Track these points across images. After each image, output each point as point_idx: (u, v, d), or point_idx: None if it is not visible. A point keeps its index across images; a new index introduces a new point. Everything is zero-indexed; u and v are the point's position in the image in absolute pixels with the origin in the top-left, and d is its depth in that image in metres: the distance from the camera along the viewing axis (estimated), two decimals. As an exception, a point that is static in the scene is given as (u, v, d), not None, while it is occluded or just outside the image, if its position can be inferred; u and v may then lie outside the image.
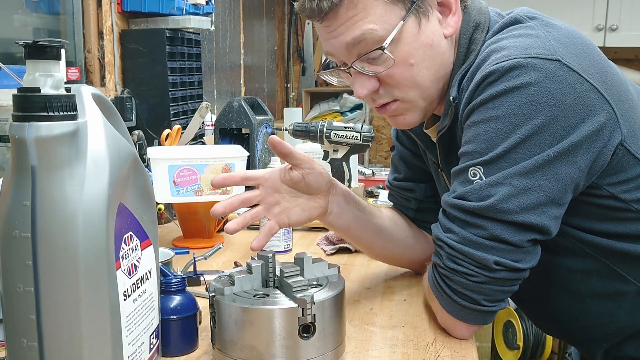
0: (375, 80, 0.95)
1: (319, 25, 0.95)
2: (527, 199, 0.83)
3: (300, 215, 0.99)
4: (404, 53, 0.91)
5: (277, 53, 4.22)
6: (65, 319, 0.62)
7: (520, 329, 2.61)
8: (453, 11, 0.94)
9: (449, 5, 0.94)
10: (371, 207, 1.11)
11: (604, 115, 0.84)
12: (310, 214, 1.00)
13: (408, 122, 1.01)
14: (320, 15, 0.91)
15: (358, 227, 1.07)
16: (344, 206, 1.03)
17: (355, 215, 1.05)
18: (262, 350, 0.77)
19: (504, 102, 0.83)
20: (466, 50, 0.96)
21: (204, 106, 1.78)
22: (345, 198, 1.04)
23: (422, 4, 0.91)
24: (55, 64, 0.65)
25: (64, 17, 1.97)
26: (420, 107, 0.98)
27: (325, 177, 1.00)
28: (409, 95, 0.96)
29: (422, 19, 0.92)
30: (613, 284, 0.95)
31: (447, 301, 0.91)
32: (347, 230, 1.07)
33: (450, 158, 1.02)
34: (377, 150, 4.30)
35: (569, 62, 0.83)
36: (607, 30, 3.25)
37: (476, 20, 0.96)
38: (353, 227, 1.06)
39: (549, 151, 0.82)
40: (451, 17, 0.94)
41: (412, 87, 0.94)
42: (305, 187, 0.99)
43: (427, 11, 0.92)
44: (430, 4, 0.93)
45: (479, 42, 0.95)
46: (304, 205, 1.00)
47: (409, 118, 0.99)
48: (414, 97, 0.96)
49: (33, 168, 0.61)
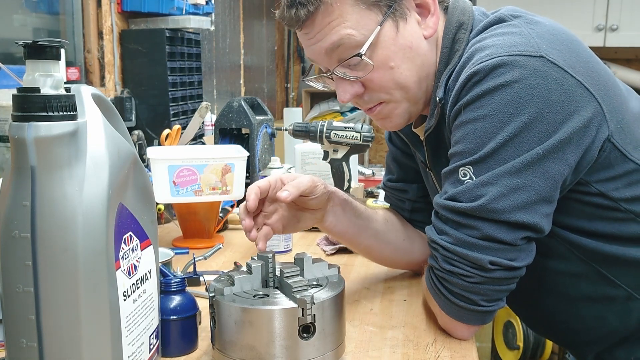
0: (358, 84, 0.96)
1: (299, 33, 0.96)
2: (518, 197, 0.83)
3: (295, 226, 1.02)
4: (382, 57, 0.92)
5: (277, 53, 4.22)
6: (65, 319, 0.62)
7: (521, 329, 2.61)
8: (432, 12, 0.95)
9: (427, 6, 0.95)
10: (369, 211, 1.11)
11: (591, 110, 0.84)
12: (305, 225, 1.03)
13: (395, 124, 1.02)
14: (298, 23, 0.93)
15: (354, 232, 1.08)
16: (341, 214, 1.04)
17: (352, 222, 1.06)
18: (262, 350, 0.77)
19: (489, 101, 0.83)
20: (449, 50, 0.96)
21: (203, 106, 1.78)
22: (342, 207, 1.04)
23: (398, 7, 0.92)
24: (55, 64, 0.65)
25: (64, 17, 1.97)
26: (405, 108, 0.98)
27: (324, 196, 0.99)
28: (394, 97, 0.96)
29: (400, 22, 0.92)
30: (602, 288, 0.95)
31: (445, 303, 0.91)
32: (343, 236, 1.09)
33: (437, 158, 1.02)
34: (377, 151, 4.30)
35: (553, 58, 0.83)
36: (607, 30, 3.25)
37: (459, 19, 0.97)
38: (350, 233, 1.08)
39: (538, 149, 0.82)
40: (430, 18, 0.95)
41: (395, 88, 0.95)
42: (304, 205, 1.00)
43: (404, 14, 0.93)
44: (407, 7, 0.93)
45: (462, 42, 0.95)
46: (299, 216, 1.01)
47: (396, 120, 1.00)
48: (398, 98, 0.96)
49: (33, 168, 0.61)
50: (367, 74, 0.93)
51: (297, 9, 0.91)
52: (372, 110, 0.99)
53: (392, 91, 0.95)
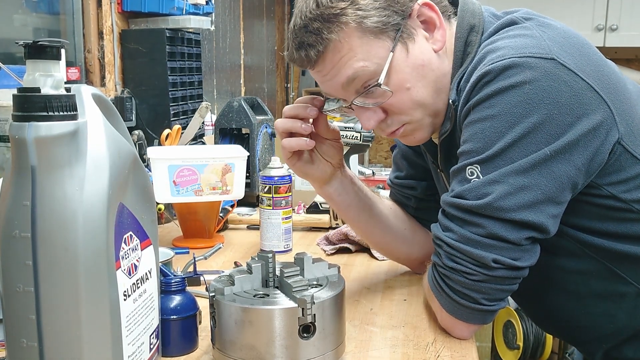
0: (380, 110, 0.97)
1: (312, 72, 0.98)
2: (524, 197, 0.83)
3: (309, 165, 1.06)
4: (398, 81, 0.93)
5: (277, 53, 4.22)
6: (65, 319, 0.62)
7: (520, 328, 2.61)
8: (437, 26, 0.95)
9: (433, 21, 0.95)
10: (375, 195, 1.14)
11: (601, 113, 0.84)
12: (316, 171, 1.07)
13: (419, 139, 1.02)
14: (310, 64, 0.95)
15: (358, 207, 1.10)
16: (348, 185, 1.09)
17: (357, 195, 1.10)
18: (262, 350, 0.77)
19: (500, 101, 0.83)
20: (462, 54, 0.96)
21: (204, 106, 1.78)
22: (351, 180, 1.10)
23: (405, 29, 0.92)
24: (55, 64, 0.65)
25: (64, 17, 1.97)
26: (428, 123, 0.99)
27: (340, 155, 1.07)
28: (415, 117, 0.97)
29: (409, 43, 0.93)
30: (612, 285, 0.95)
31: (446, 300, 0.91)
32: (347, 209, 1.11)
33: (450, 160, 1.02)
34: (377, 150, 4.30)
35: (564, 61, 0.83)
36: (607, 30, 3.25)
37: (470, 22, 0.97)
38: (353, 207, 1.10)
39: (545, 149, 0.82)
40: (437, 32, 0.95)
41: (415, 108, 0.96)
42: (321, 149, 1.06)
43: (411, 34, 0.93)
44: (413, 26, 0.93)
45: (474, 44, 0.95)
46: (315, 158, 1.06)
47: (419, 135, 1.01)
48: (420, 116, 0.97)
49: (33, 168, 0.61)
50: (386, 99, 0.94)
51: (306, 51, 0.93)
52: (396, 133, 1.00)
53: (412, 112, 0.96)
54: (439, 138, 1.02)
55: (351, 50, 0.91)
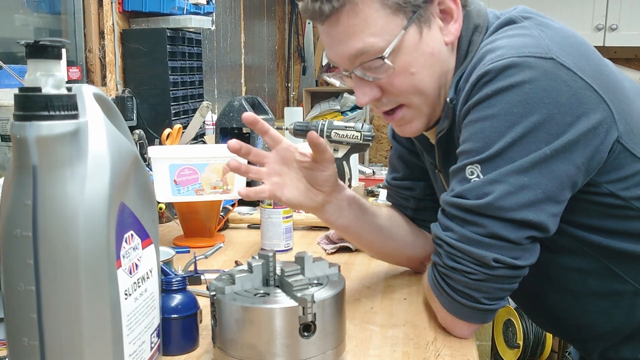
0: (377, 89, 0.96)
1: (321, 28, 0.96)
2: (525, 196, 0.83)
3: (294, 196, 0.97)
4: (404, 62, 0.92)
5: (278, 52, 4.22)
6: (67, 318, 0.62)
7: (521, 327, 2.61)
8: (455, 18, 0.95)
9: (452, 12, 0.94)
10: (374, 208, 1.11)
11: (600, 112, 0.84)
12: (304, 200, 0.98)
13: (415, 130, 1.01)
14: (321, 18, 0.92)
15: (357, 227, 1.07)
16: (345, 208, 1.03)
17: (355, 217, 1.05)
18: (263, 349, 0.77)
19: (499, 101, 0.84)
20: (465, 53, 0.96)
21: (204, 105, 1.79)
22: (348, 202, 1.03)
23: (424, 13, 0.92)
24: (57, 64, 0.65)
25: (65, 16, 1.97)
26: (425, 113, 0.99)
27: (332, 182, 0.99)
28: (413, 102, 0.96)
29: (424, 28, 0.92)
30: (610, 283, 0.95)
31: (446, 300, 0.91)
32: (346, 229, 1.07)
33: (448, 159, 1.02)
34: (377, 150, 4.30)
35: (563, 60, 0.83)
36: (606, 30, 3.25)
37: (475, 22, 0.97)
38: (352, 227, 1.07)
39: (545, 149, 0.82)
40: (452, 25, 0.95)
41: (414, 94, 0.95)
42: (310, 178, 0.97)
43: (429, 20, 0.92)
44: (432, 12, 0.93)
45: (476, 44, 0.95)
46: (302, 190, 0.98)
47: (415, 125, 1.00)
48: (418, 103, 0.96)
49: (34, 167, 0.61)
50: (387, 77, 0.93)
51: (321, 3, 0.90)
52: (392, 117, 0.99)
53: (410, 96, 0.96)
54: (435, 137, 1.02)
55: (366, 21, 0.90)
